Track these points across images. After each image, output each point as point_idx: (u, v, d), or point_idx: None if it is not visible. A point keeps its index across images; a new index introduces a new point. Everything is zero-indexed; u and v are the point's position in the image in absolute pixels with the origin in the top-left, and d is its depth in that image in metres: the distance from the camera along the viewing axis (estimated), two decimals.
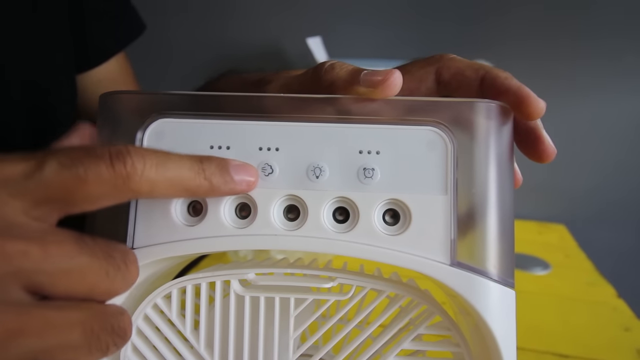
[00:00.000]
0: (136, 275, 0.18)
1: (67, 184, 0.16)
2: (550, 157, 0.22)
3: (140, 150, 0.17)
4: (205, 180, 0.18)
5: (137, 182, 0.16)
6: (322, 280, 0.22)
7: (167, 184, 0.17)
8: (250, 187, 0.20)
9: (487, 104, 0.20)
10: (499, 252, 0.20)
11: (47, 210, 0.16)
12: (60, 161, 0.16)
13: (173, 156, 0.18)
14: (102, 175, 0.16)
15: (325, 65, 0.23)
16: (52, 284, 0.15)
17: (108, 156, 0.16)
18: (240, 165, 0.19)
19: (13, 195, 0.15)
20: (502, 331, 0.19)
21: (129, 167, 0.16)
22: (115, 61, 0.47)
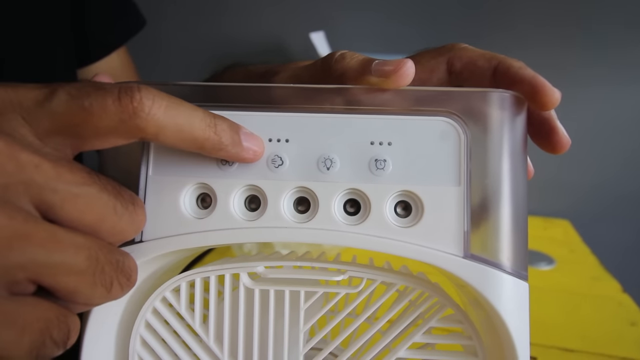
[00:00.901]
0: (143, 221, 0.18)
1: (74, 115, 0.16)
2: (565, 147, 0.22)
3: (151, 90, 0.17)
4: (215, 134, 0.18)
5: (144, 119, 0.16)
6: (332, 273, 0.21)
7: (175, 129, 0.17)
8: (256, 158, 0.19)
9: (501, 93, 0.20)
10: (513, 244, 0.19)
11: (59, 141, 0.16)
12: (68, 92, 0.16)
13: (186, 103, 0.17)
14: (107, 108, 0.16)
15: (336, 55, 0.22)
16: (61, 206, 0.15)
17: (117, 90, 0.16)
18: (250, 134, 0.19)
19: (26, 120, 0.16)
20: (515, 323, 0.19)
21: (136, 102, 0.16)
22: (116, 56, 0.47)
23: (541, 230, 0.79)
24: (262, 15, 0.91)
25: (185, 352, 0.22)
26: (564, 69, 0.80)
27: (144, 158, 0.20)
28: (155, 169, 0.20)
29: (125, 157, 0.21)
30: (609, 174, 0.82)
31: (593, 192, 0.83)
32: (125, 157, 0.21)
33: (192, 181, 0.20)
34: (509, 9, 0.81)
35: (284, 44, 0.90)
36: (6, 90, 0.16)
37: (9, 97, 0.16)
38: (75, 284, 0.16)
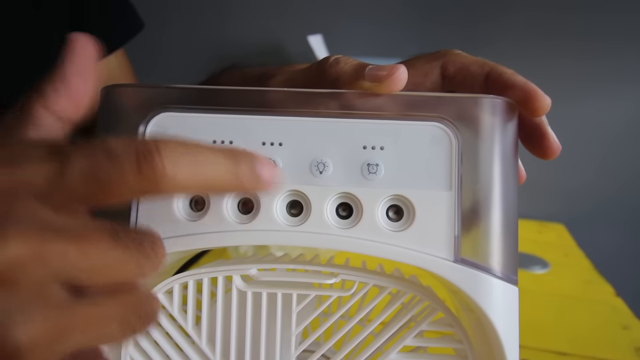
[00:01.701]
0: (163, 260, 0.18)
1: (90, 189, 0.15)
2: (555, 153, 0.22)
3: (170, 146, 0.16)
4: (236, 179, 0.17)
5: (167, 185, 0.15)
6: (324, 276, 0.22)
7: (198, 186, 0.16)
8: (272, 184, 0.18)
9: (492, 99, 0.20)
10: (503, 249, 0.20)
11: (76, 207, 0.16)
12: (80, 167, 0.15)
13: (204, 149, 0.16)
14: (127, 179, 0.15)
15: (330, 60, 0.23)
16: (89, 278, 0.15)
17: (134, 157, 0.15)
18: (265, 160, 0.18)
19: (41, 201, 0.15)
20: (505, 327, 0.19)
21: (158, 170, 0.15)
22: (114, 58, 0.47)
23: (536, 234, 0.79)
24: (261, 18, 0.91)
25: (177, 354, 0.22)
26: (559, 73, 0.81)
27: None
28: None
29: None
30: (604, 178, 0.82)
31: (588, 197, 0.83)
32: None
33: None
34: (504, 18, 0.81)
35: (282, 47, 0.90)
36: (12, 170, 0.15)
37: (17, 178, 0.15)
38: (107, 341, 0.16)
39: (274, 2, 0.90)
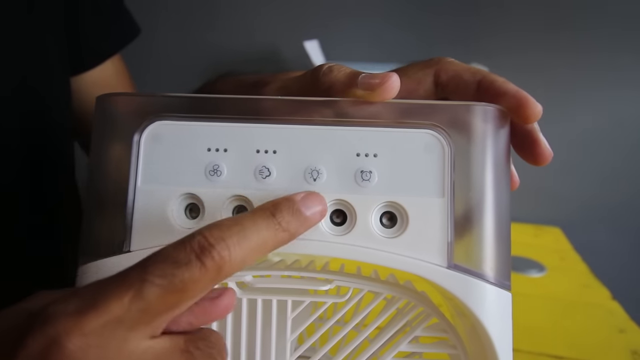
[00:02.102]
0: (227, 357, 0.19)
1: (171, 300, 0.16)
2: (547, 159, 0.22)
3: (217, 234, 0.17)
4: (284, 232, 0.18)
5: (229, 268, 0.17)
6: (319, 282, 0.22)
7: (253, 254, 0.18)
8: (323, 215, 0.20)
9: (484, 107, 0.20)
10: (496, 255, 0.20)
11: (157, 325, 0.17)
12: (156, 283, 0.16)
13: (247, 222, 0.18)
14: (198, 280, 0.16)
15: (323, 68, 0.23)
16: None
17: (195, 257, 0.16)
18: (306, 198, 0.19)
19: (130, 329, 0.16)
20: (498, 333, 0.20)
21: (217, 259, 0.16)
22: (110, 64, 0.47)
23: (532, 237, 0.79)
24: (257, 23, 0.91)
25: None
26: (556, 78, 0.81)
27: (133, 169, 0.20)
28: (144, 179, 0.20)
29: (114, 166, 0.21)
30: (600, 182, 0.83)
31: (584, 200, 0.84)
32: (114, 167, 0.21)
33: (180, 191, 0.20)
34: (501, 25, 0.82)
35: (279, 53, 0.91)
36: (99, 314, 0.16)
37: (106, 321, 0.16)
38: None
39: (270, 8, 0.90)
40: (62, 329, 0.16)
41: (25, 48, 0.36)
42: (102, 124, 0.21)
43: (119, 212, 0.20)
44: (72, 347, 0.15)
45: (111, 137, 0.21)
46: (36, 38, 0.37)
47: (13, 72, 0.35)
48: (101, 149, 0.21)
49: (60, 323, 0.16)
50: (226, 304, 0.18)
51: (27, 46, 0.37)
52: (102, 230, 0.21)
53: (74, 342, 0.16)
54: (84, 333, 0.16)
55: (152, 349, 0.17)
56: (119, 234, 0.20)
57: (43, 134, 0.38)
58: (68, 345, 0.15)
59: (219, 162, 0.20)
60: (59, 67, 0.40)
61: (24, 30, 0.36)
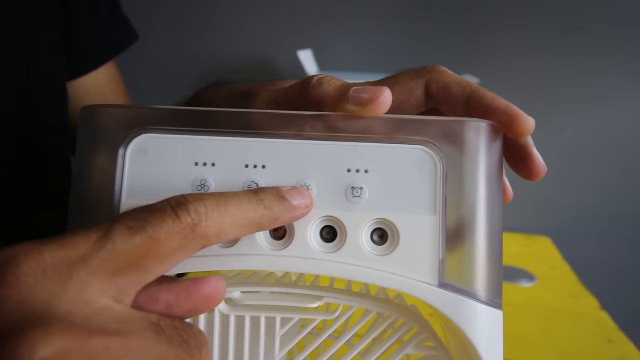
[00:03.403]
0: (207, 357, 0.17)
1: (140, 247, 0.15)
2: (541, 174, 0.22)
3: (196, 195, 0.17)
4: (266, 209, 0.18)
5: (205, 226, 0.16)
6: (308, 299, 0.21)
7: (232, 221, 0.17)
8: (309, 209, 0.19)
9: (477, 122, 0.20)
10: (487, 273, 0.20)
11: (123, 284, 0.16)
12: (128, 225, 0.15)
13: (228, 193, 0.18)
14: (171, 229, 0.16)
15: (313, 80, 0.22)
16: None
17: (170, 209, 0.16)
18: (293, 189, 0.19)
19: (92, 273, 0.15)
20: (488, 352, 0.19)
21: (192, 214, 0.16)
22: (104, 70, 0.46)
23: (522, 246, 0.80)
24: (251, 32, 0.91)
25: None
26: (547, 88, 0.82)
27: (117, 183, 0.20)
28: (128, 194, 0.20)
29: (98, 180, 0.20)
30: (590, 192, 0.83)
31: (573, 210, 0.84)
32: (98, 180, 0.20)
33: None
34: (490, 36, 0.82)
35: (272, 62, 0.90)
36: (62, 248, 0.15)
37: (68, 255, 0.15)
38: None
39: (263, 17, 0.90)
40: (21, 250, 0.15)
41: (21, 50, 0.36)
42: (86, 135, 0.21)
43: None
44: (26, 269, 0.14)
45: (96, 149, 0.20)
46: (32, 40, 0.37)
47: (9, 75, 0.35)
48: (85, 161, 0.20)
49: (21, 246, 0.15)
50: (212, 288, 0.17)
51: (23, 48, 0.36)
52: None
53: (29, 264, 0.14)
54: (43, 260, 0.15)
55: (113, 311, 0.15)
56: None
57: (38, 137, 0.38)
58: (22, 266, 0.14)
59: (206, 177, 0.20)
60: (55, 70, 0.40)
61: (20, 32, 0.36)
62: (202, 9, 0.91)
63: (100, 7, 0.44)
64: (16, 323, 0.14)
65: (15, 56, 0.35)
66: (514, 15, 0.81)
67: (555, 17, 0.79)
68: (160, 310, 0.16)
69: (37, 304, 0.14)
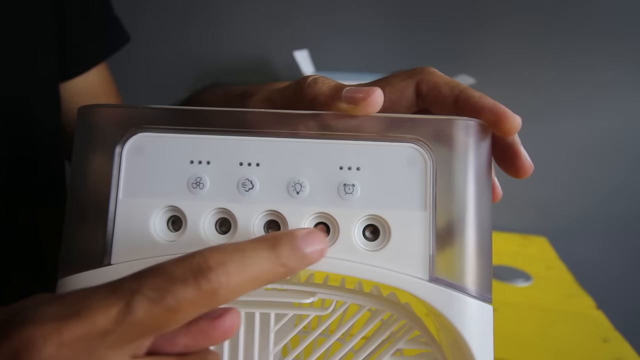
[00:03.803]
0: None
1: (161, 318, 0.15)
2: (527, 173, 0.22)
3: (216, 257, 0.16)
4: (282, 267, 0.17)
5: (224, 294, 0.16)
6: (302, 295, 0.22)
7: (250, 284, 0.17)
8: (324, 253, 0.19)
9: (466, 121, 0.20)
10: (477, 268, 0.20)
11: (140, 344, 0.16)
12: (149, 297, 0.15)
13: (248, 250, 0.17)
14: (192, 300, 0.16)
15: (308, 80, 0.23)
16: None
17: (191, 276, 0.16)
18: (307, 235, 0.18)
19: (111, 347, 0.15)
20: (479, 346, 0.20)
21: (214, 282, 0.16)
22: (95, 72, 0.46)
23: (519, 247, 0.80)
24: (247, 33, 0.92)
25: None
26: (544, 88, 0.82)
27: (114, 181, 0.20)
28: (125, 191, 0.20)
29: (95, 178, 0.21)
30: (586, 192, 0.84)
31: (569, 210, 0.85)
32: (95, 179, 0.21)
33: (162, 204, 0.20)
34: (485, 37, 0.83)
35: (269, 62, 0.91)
36: (81, 324, 0.15)
37: (86, 333, 0.15)
38: None
39: (260, 18, 0.90)
40: (40, 334, 0.15)
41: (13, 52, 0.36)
42: (83, 135, 0.21)
43: (99, 224, 0.20)
44: (46, 355, 0.15)
45: (93, 148, 0.21)
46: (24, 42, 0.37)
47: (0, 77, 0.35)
48: (82, 160, 0.21)
49: (38, 327, 0.15)
50: (228, 326, 0.17)
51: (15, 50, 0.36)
52: (82, 242, 0.21)
53: (49, 350, 0.15)
54: (61, 342, 0.15)
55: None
56: (100, 247, 0.20)
57: (31, 139, 0.38)
58: (41, 352, 0.14)
59: (201, 175, 0.20)
60: (48, 72, 0.40)
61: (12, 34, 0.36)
62: (197, 9, 0.92)
63: (92, 9, 0.45)
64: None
65: (7, 58, 0.35)
66: (510, 16, 0.82)
67: (552, 16, 0.80)
68: (177, 352, 0.17)
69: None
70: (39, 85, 0.39)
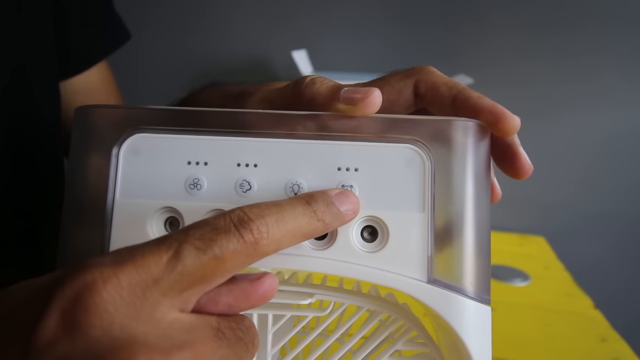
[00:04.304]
0: (258, 348, 0.19)
1: (207, 267, 0.16)
2: (527, 173, 0.22)
3: (257, 211, 0.17)
4: (319, 221, 0.18)
5: (265, 245, 0.17)
6: (300, 296, 0.22)
7: (290, 237, 0.18)
8: (357, 212, 0.20)
9: (465, 122, 0.20)
10: (475, 269, 0.20)
11: (188, 296, 0.16)
12: (196, 246, 0.16)
13: (285, 205, 0.18)
14: (236, 250, 0.16)
15: (306, 80, 0.23)
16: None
17: (234, 228, 0.16)
18: (341, 194, 0.19)
19: (164, 294, 0.16)
20: (477, 348, 0.20)
21: (255, 233, 0.17)
22: (95, 70, 0.46)
23: (516, 246, 0.80)
24: (246, 33, 0.91)
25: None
26: (539, 88, 0.82)
27: (111, 182, 0.20)
28: (122, 192, 0.20)
29: (92, 179, 0.21)
30: (584, 192, 0.84)
31: (568, 210, 0.85)
32: (92, 180, 0.21)
33: (160, 205, 0.20)
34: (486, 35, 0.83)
35: (267, 62, 0.91)
36: (136, 270, 0.15)
37: (142, 278, 0.15)
38: None
39: (258, 18, 0.90)
40: (100, 275, 0.15)
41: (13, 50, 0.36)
42: (80, 135, 0.21)
43: (97, 225, 0.20)
44: (106, 295, 0.15)
45: (90, 149, 0.21)
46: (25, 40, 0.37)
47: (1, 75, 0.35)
48: (79, 161, 0.21)
49: (97, 271, 0.15)
50: (267, 287, 0.18)
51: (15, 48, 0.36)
52: (79, 243, 0.20)
53: (109, 290, 0.15)
54: (120, 285, 0.15)
55: (179, 322, 0.16)
56: (97, 248, 0.20)
57: (32, 137, 0.38)
58: (103, 293, 0.15)
59: (199, 176, 0.20)
60: (48, 70, 0.40)
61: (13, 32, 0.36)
62: (196, 9, 0.92)
63: (93, 7, 0.44)
64: (102, 353, 0.14)
65: (7, 56, 0.35)
66: (509, 15, 0.82)
67: (551, 16, 0.80)
68: (220, 311, 0.17)
69: (117, 331, 0.15)
70: (39, 83, 0.38)
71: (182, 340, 0.16)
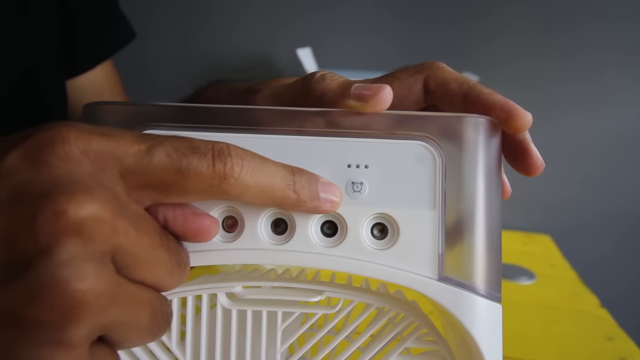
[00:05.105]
0: (187, 276, 0.19)
1: (168, 174, 0.16)
2: (539, 170, 0.22)
3: (240, 152, 0.17)
4: (294, 193, 0.18)
5: (232, 184, 0.17)
6: (309, 293, 0.22)
7: (257, 191, 0.18)
8: (334, 208, 0.19)
9: (476, 118, 0.20)
10: (487, 267, 0.20)
11: (143, 195, 0.17)
12: (167, 152, 0.16)
13: (268, 162, 0.18)
14: (202, 173, 0.16)
15: (316, 76, 0.23)
16: (134, 267, 0.16)
17: (211, 154, 0.17)
18: (328, 184, 0.19)
19: (123, 175, 0.16)
20: (488, 345, 0.19)
21: (227, 168, 0.17)
22: (101, 69, 0.46)
23: (522, 245, 0.80)
24: (251, 31, 0.91)
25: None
26: (548, 86, 0.82)
27: None
28: None
29: None
30: (589, 190, 0.84)
31: (573, 208, 0.85)
32: None
33: None
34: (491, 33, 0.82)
35: (271, 60, 0.91)
36: (108, 142, 0.16)
37: (111, 150, 0.16)
38: (133, 335, 0.17)
39: (263, 16, 0.90)
40: (75, 131, 0.16)
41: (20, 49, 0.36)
42: None
43: None
44: (75, 148, 0.15)
45: None
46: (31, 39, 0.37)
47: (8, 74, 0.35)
48: None
49: (74, 128, 0.16)
50: (206, 226, 0.18)
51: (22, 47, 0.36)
52: None
53: (79, 145, 0.15)
54: (90, 146, 0.15)
55: (133, 207, 0.16)
56: None
57: None
58: (72, 144, 0.15)
59: None
60: (54, 69, 0.40)
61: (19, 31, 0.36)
62: (201, 7, 0.92)
63: (98, 6, 0.44)
64: (63, 184, 0.15)
65: (14, 56, 0.35)
66: (513, 13, 0.81)
67: (554, 15, 0.80)
68: (158, 221, 0.18)
69: (79, 181, 0.15)
70: (46, 82, 0.38)
71: (131, 220, 0.16)
